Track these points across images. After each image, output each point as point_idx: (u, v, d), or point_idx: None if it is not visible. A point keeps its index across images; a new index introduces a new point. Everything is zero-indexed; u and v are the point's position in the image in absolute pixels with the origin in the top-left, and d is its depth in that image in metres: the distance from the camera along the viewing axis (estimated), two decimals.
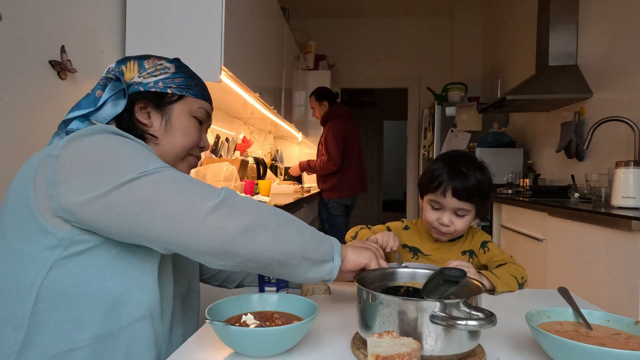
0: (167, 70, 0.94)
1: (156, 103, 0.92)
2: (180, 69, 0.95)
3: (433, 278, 0.67)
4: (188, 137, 0.95)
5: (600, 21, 2.71)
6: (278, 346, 0.68)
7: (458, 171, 1.15)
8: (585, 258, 1.85)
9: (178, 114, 0.94)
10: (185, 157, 0.97)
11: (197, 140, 0.97)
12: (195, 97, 0.96)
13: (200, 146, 1.00)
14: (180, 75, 0.95)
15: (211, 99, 1.01)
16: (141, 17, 1.91)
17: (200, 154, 1.02)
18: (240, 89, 2.34)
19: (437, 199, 1.17)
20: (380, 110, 8.46)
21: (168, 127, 0.94)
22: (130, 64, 0.94)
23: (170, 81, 0.93)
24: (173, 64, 0.96)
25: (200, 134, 0.99)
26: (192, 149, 0.98)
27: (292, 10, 4.71)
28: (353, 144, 3.68)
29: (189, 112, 0.95)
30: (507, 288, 1.07)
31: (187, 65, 1.00)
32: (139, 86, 0.92)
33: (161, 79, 0.93)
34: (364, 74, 5.44)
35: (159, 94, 0.92)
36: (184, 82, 0.94)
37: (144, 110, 0.93)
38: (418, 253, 1.26)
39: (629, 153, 2.33)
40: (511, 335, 0.79)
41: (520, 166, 3.61)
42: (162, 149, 0.93)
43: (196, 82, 0.97)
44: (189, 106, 0.95)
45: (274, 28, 3.24)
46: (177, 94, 0.94)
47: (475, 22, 5.11)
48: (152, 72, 0.93)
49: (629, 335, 0.69)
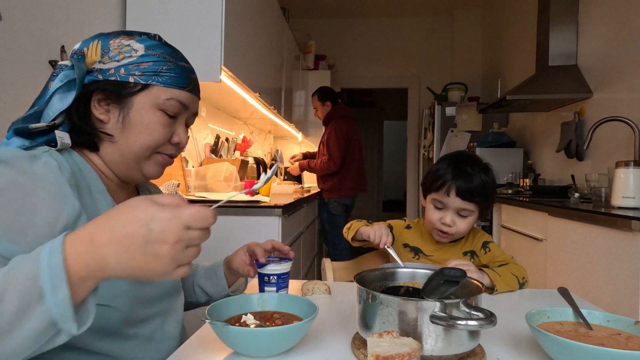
0: (133, 53, 0.79)
1: (116, 94, 0.78)
2: (150, 50, 0.80)
3: (433, 278, 0.67)
4: (150, 135, 0.80)
5: (600, 21, 2.71)
6: (278, 346, 0.68)
7: (463, 171, 1.14)
8: (585, 258, 1.85)
9: (139, 107, 0.79)
10: (151, 156, 0.83)
11: (163, 137, 0.82)
12: (164, 85, 0.80)
13: (173, 142, 0.85)
14: (148, 59, 0.79)
15: (194, 85, 0.86)
16: (141, 17, 1.92)
17: (175, 151, 0.87)
18: (240, 88, 2.34)
19: (440, 198, 1.17)
20: (380, 110, 8.45)
21: (125, 123, 0.79)
22: (94, 45, 0.79)
23: (135, 67, 0.78)
24: (143, 45, 0.80)
25: (170, 129, 0.83)
26: (161, 147, 0.83)
27: (292, 10, 4.72)
28: (354, 144, 3.68)
29: (154, 105, 0.80)
30: (508, 287, 1.07)
31: (167, 44, 0.83)
32: (99, 74, 0.78)
33: (124, 65, 0.78)
34: (364, 74, 5.44)
35: (119, 84, 0.78)
36: (151, 68, 0.79)
37: (102, 104, 0.79)
38: (419, 253, 1.26)
39: (629, 153, 2.33)
40: (511, 335, 0.79)
41: (520, 166, 3.61)
42: (119, 149, 0.81)
43: (170, 67, 0.81)
44: (155, 97, 0.80)
45: (274, 28, 3.24)
46: (141, 82, 0.78)
47: (475, 22, 5.11)
48: (115, 56, 0.78)
49: (629, 335, 0.69)
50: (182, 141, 0.85)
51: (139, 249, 0.51)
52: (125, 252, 0.51)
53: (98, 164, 0.82)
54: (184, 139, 0.86)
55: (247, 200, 2.05)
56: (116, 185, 0.85)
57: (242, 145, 3.44)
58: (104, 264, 0.51)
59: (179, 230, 0.52)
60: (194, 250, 0.55)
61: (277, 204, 2.00)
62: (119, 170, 0.83)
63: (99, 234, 0.51)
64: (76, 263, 0.51)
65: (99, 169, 0.83)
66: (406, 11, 5.21)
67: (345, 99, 6.47)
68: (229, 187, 2.33)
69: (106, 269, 0.51)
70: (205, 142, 2.85)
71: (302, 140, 4.92)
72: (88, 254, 0.51)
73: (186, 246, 0.53)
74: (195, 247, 0.55)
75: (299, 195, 2.92)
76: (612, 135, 2.51)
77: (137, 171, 0.83)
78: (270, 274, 0.94)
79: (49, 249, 0.51)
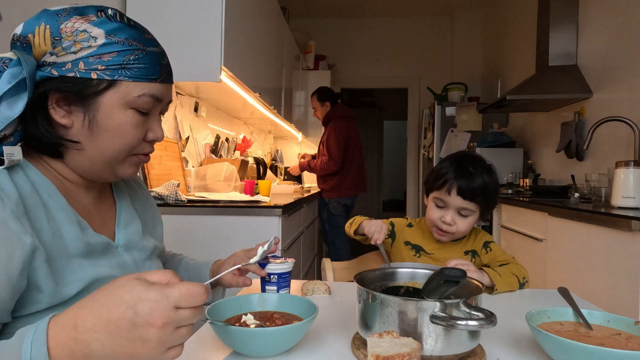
0: (92, 41, 0.66)
1: (77, 95, 0.66)
2: (112, 36, 0.67)
3: (433, 278, 0.66)
4: (123, 139, 0.71)
5: (600, 21, 2.71)
6: (278, 346, 0.68)
7: (465, 170, 1.15)
8: (585, 258, 1.85)
9: (106, 108, 0.68)
10: (125, 159, 0.74)
11: (137, 138, 0.73)
12: (134, 79, 0.68)
13: (148, 140, 0.75)
14: (111, 48, 0.66)
15: (166, 72, 0.74)
16: (141, 17, 1.91)
17: (152, 148, 0.78)
18: (240, 88, 2.34)
19: (441, 196, 1.18)
20: (380, 110, 8.46)
21: (93, 128, 0.69)
22: (40, 30, 0.65)
23: (97, 60, 0.66)
24: (102, 29, 0.66)
25: (144, 127, 0.73)
26: (135, 148, 0.74)
27: (292, 10, 4.71)
28: (354, 144, 3.68)
29: (124, 104, 0.69)
30: (508, 287, 1.07)
31: (131, 24, 0.70)
32: (52, 69, 0.65)
33: (82, 58, 0.65)
34: (364, 74, 5.44)
35: (80, 82, 0.66)
36: (116, 60, 0.66)
37: (61, 104, 0.68)
38: (420, 251, 1.26)
39: (629, 153, 2.33)
40: (511, 335, 0.79)
41: (520, 166, 3.61)
42: (88, 155, 0.71)
43: (138, 56, 0.68)
44: (124, 95, 0.68)
45: (274, 28, 3.24)
46: (106, 79, 0.67)
47: (475, 22, 5.11)
48: (70, 47, 0.65)
49: (629, 335, 0.69)
50: (158, 137, 0.76)
51: (125, 333, 0.48)
52: (110, 337, 0.48)
53: (61, 171, 0.73)
54: (159, 134, 0.76)
55: (247, 200, 2.05)
56: (83, 187, 0.77)
57: (242, 145, 3.44)
58: (88, 351, 0.48)
59: (167, 311, 0.48)
60: (185, 330, 0.51)
61: (277, 204, 2.00)
62: (87, 175, 0.75)
63: (83, 318, 0.48)
64: (60, 352, 0.48)
65: (62, 175, 0.73)
66: (406, 11, 5.21)
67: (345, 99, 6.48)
68: (229, 187, 2.33)
69: (91, 355, 0.48)
70: (205, 142, 2.85)
71: (302, 140, 4.92)
72: (72, 341, 0.48)
73: (176, 327, 0.50)
74: (186, 327, 0.51)
75: (299, 195, 2.92)
76: (612, 135, 2.51)
77: (109, 174, 0.75)
78: (271, 273, 0.94)
79: (32, 339, 0.48)
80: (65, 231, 0.68)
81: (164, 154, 2.19)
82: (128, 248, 0.81)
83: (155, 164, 2.09)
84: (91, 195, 0.79)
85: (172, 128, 2.39)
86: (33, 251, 0.60)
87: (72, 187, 0.75)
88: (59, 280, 0.64)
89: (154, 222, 0.96)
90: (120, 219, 0.83)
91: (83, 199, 0.77)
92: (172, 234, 1.79)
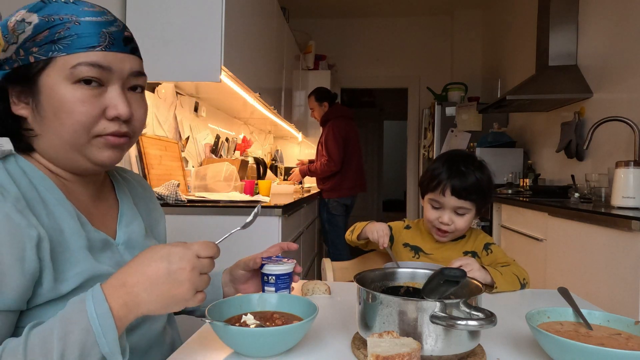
0: (27, 26, 0.65)
1: (23, 83, 0.66)
2: (45, 17, 0.65)
3: (433, 278, 0.66)
4: (70, 118, 0.66)
5: (600, 21, 2.71)
6: (278, 346, 0.68)
7: (457, 170, 1.16)
8: (585, 258, 1.85)
9: (47, 88, 0.66)
10: (90, 141, 0.68)
11: (89, 115, 0.67)
12: (68, 52, 0.65)
13: (109, 117, 0.68)
14: (43, 28, 0.65)
15: (111, 40, 0.68)
16: (141, 17, 1.91)
17: (120, 126, 0.70)
18: (240, 89, 2.34)
19: (436, 197, 1.19)
20: (380, 110, 8.45)
21: (40, 112, 0.67)
22: None
23: (31, 43, 0.65)
24: (36, 13, 0.66)
25: (97, 103, 0.67)
26: (95, 127, 0.68)
27: (292, 10, 4.71)
28: (353, 143, 3.68)
29: (63, 79, 0.65)
30: (509, 286, 1.07)
31: (69, 2, 0.68)
32: (5, 65, 0.67)
33: (20, 45, 0.65)
34: (364, 74, 5.44)
35: (23, 69, 0.66)
36: (48, 37, 0.64)
37: (21, 98, 0.68)
38: (419, 252, 1.26)
39: (629, 153, 2.33)
40: (511, 335, 0.79)
41: (520, 166, 3.61)
42: (49, 143, 0.69)
43: (69, 28, 0.65)
44: (60, 70, 0.65)
45: (274, 28, 3.24)
46: (42, 59, 0.65)
47: (475, 22, 5.11)
48: (12, 38, 0.66)
49: (629, 335, 0.69)
50: (121, 113, 0.68)
51: (164, 279, 0.60)
52: (154, 285, 0.59)
53: (46, 165, 0.72)
54: (123, 110, 0.68)
55: (247, 200, 2.05)
56: (79, 183, 0.75)
57: (242, 145, 3.44)
58: (138, 300, 0.59)
59: (192, 258, 0.61)
60: (206, 278, 0.63)
61: (277, 204, 2.00)
62: (65, 166, 0.72)
63: (130, 276, 0.60)
64: (117, 305, 0.59)
65: (49, 170, 0.72)
66: (406, 11, 5.21)
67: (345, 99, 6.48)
68: (229, 187, 2.33)
69: (141, 304, 0.60)
70: (205, 142, 2.85)
71: (302, 140, 4.92)
72: (125, 295, 0.59)
73: (200, 273, 0.62)
74: (206, 275, 0.63)
75: (299, 195, 2.92)
76: (612, 135, 2.51)
77: (83, 161, 0.70)
78: (269, 274, 0.93)
79: (92, 300, 0.58)
80: (65, 225, 0.68)
81: (164, 154, 2.19)
82: (129, 246, 0.81)
83: (155, 164, 2.09)
84: (89, 192, 0.78)
85: (172, 128, 2.39)
86: (38, 243, 0.62)
87: (68, 183, 0.74)
88: (58, 275, 0.65)
89: (157, 223, 0.96)
90: (122, 217, 0.83)
91: (81, 195, 0.76)
92: (172, 234, 1.79)
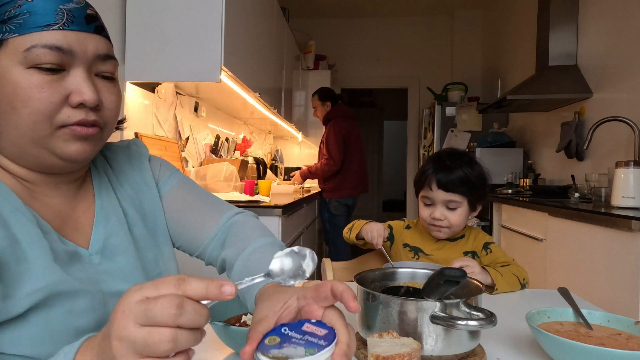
0: None
1: None
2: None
3: (433, 278, 0.66)
4: (26, 107, 0.58)
5: (600, 21, 2.71)
6: None
7: (442, 164, 1.20)
8: (585, 258, 1.85)
9: (1, 75, 0.58)
10: (54, 132, 0.60)
11: (48, 103, 0.59)
12: (21, 32, 0.57)
13: (73, 103, 0.60)
14: None
15: (70, 18, 0.59)
16: (141, 17, 1.91)
17: (87, 114, 0.61)
18: (240, 89, 2.34)
19: (426, 193, 1.22)
20: (380, 110, 8.46)
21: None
22: None
23: None
24: None
25: (57, 88, 0.59)
26: (58, 117, 0.60)
27: (292, 10, 4.71)
28: (354, 143, 3.68)
29: (16, 64, 0.58)
30: (510, 287, 1.07)
31: None
32: None
33: None
34: (364, 74, 5.44)
35: None
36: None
37: None
38: (419, 253, 1.26)
39: (629, 153, 2.33)
40: (511, 335, 0.79)
41: (520, 166, 3.61)
42: (9, 139, 0.61)
43: (20, 6, 0.57)
44: (13, 53, 0.57)
45: (274, 28, 3.24)
46: None
47: (475, 22, 5.11)
48: None
49: (629, 335, 0.69)
50: (86, 100, 0.60)
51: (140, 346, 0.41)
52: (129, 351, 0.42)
53: (6, 166, 0.64)
54: (88, 96, 0.60)
55: (247, 200, 2.05)
56: (48, 186, 0.67)
57: (242, 145, 3.44)
58: None
59: (177, 309, 0.40)
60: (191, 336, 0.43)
61: (277, 204, 2.00)
62: (29, 164, 0.63)
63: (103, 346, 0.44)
64: None
65: (9, 171, 0.64)
66: (406, 11, 5.21)
67: (345, 99, 6.48)
68: (229, 187, 2.33)
69: None
70: (205, 142, 2.85)
71: (302, 140, 4.92)
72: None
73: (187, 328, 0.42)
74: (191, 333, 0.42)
75: (299, 195, 2.92)
76: (612, 135, 2.51)
77: (48, 156, 0.62)
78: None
79: None
80: (23, 235, 0.59)
81: (164, 154, 2.19)
82: (106, 255, 0.69)
83: None
84: (62, 194, 0.68)
85: (172, 128, 2.39)
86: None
87: (33, 186, 0.65)
88: (8, 291, 0.56)
89: (152, 200, 0.82)
90: (98, 220, 0.71)
91: (50, 198, 0.67)
92: None
